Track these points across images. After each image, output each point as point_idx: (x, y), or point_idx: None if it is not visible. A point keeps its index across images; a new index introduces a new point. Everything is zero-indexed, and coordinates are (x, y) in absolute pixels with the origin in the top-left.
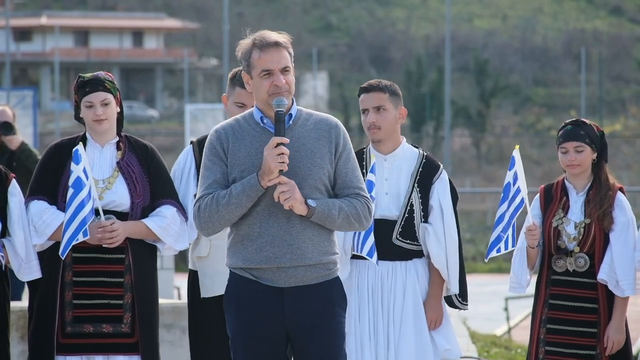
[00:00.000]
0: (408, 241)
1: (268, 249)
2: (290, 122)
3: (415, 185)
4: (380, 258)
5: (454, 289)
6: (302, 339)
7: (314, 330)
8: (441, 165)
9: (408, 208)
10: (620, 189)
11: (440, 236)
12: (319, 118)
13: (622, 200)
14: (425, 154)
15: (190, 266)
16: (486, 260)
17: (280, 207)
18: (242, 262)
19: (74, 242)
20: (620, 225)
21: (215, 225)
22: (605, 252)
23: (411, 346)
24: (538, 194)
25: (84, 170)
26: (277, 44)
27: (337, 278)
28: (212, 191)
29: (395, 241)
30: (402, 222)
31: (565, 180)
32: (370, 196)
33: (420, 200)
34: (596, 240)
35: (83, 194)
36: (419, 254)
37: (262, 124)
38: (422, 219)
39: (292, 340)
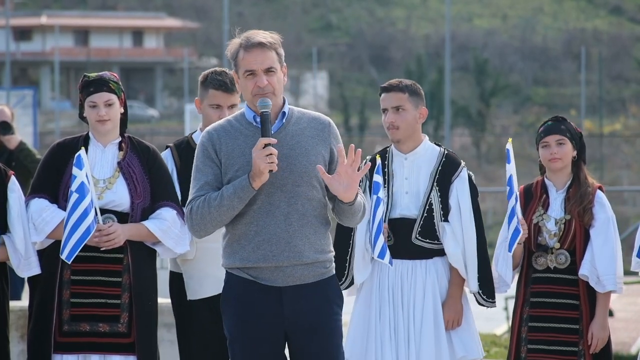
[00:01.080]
0: (428, 240)
1: (266, 247)
2: (284, 120)
3: (435, 184)
4: (400, 257)
5: (473, 287)
6: (301, 339)
7: (313, 329)
8: (462, 163)
9: (427, 207)
10: (600, 188)
11: (457, 235)
12: (311, 116)
13: (602, 197)
14: (446, 152)
15: (172, 268)
16: (510, 252)
17: (277, 206)
18: (239, 261)
19: (86, 239)
20: (601, 221)
21: (208, 228)
22: (585, 248)
23: (432, 346)
24: (517, 194)
25: (87, 176)
26: (261, 45)
27: (334, 276)
28: (204, 193)
29: (415, 240)
30: (422, 222)
31: (545, 179)
32: (378, 197)
33: (439, 199)
34: (577, 236)
35: (87, 200)
36: (440, 252)
37: (254, 123)
38: (442, 218)
39: (290, 340)
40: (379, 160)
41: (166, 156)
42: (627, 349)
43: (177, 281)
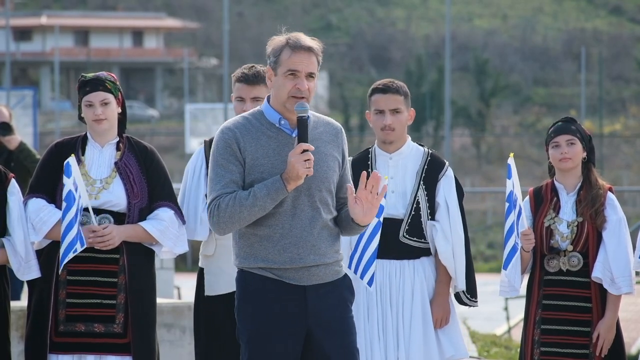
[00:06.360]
0: (415, 239)
1: (292, 250)
2: None
3: (421, 183)
4: (387, 257)
5: (461, 285)
6: (322, 336)
7: (334, 326)
8: (446, 163)
9: (414, 206)
10: (610, 189)
11: (447, 233)
12: (325, 121)
13: (613, 199)
14: (430, 151)
15: (199, 263)
16: (505, 270)
17: (302, 209)
18: (263, 262)
19: (70, 255)
20: (613, 223)
21: (234, 226)
22: (598, 251)
23: (421, 346)
24: (528, 197)
25: (74, 183)
26: (309, 49)
27: (347, 275)
28: (231, 191)
29: (402, 239)
30: (409, 220)
31: (555, 181)
32: (379, 221)
33: (426, 198)
34: (589, 238)
35: (74, 210)
36: (426, 252)
37: (278, 125)
38: (429, 217)
39: (312, 337)
40: (387, 181)
41: (199, 152)
42: (627, 349)
43: (200, 276)
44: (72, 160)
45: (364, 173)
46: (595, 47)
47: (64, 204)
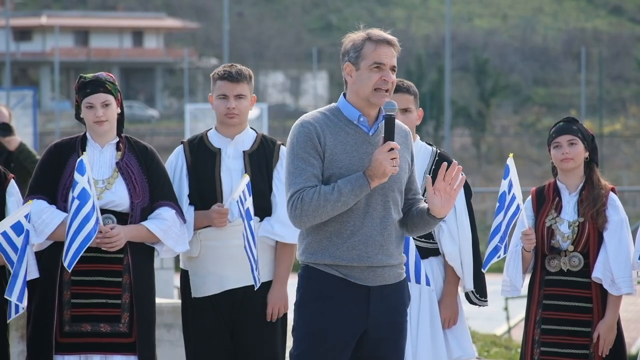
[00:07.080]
0: (423, 239)
1: (361, 248)
2: (379, 125)
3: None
4: None
5: (469, 285)
6: (381, 337)
7: (393, 329)
8: (455, 162)
9: None
10: (612, 190)
11: (454, 234)
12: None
13: (615, 199)
14: (438, 150)
15: (181, 265)
16: (484, 270)
17: (375, 208)
18: (330, 258)
19: (84, 249)
20: (615, 224)
21: (316, 220)
22: (599, 251)
23: (429, 346)
24: (530, 197)
25: (89, 181)
26: (391, 43)
27: (406, 278)
28: (313, 184)
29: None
30: None
31: (558, 181)
32: None
33: None
34: (590, 238)
35: (88, 206)
36: (434, 252)
37: (356, 122)
38: None
39: (367, 337)
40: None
41: (178, 152)
42: (628, 349)
43: (184, 278)
44: (85, 157)
45: (444, 164)
46: (595, 47)
47: (76, 202)
